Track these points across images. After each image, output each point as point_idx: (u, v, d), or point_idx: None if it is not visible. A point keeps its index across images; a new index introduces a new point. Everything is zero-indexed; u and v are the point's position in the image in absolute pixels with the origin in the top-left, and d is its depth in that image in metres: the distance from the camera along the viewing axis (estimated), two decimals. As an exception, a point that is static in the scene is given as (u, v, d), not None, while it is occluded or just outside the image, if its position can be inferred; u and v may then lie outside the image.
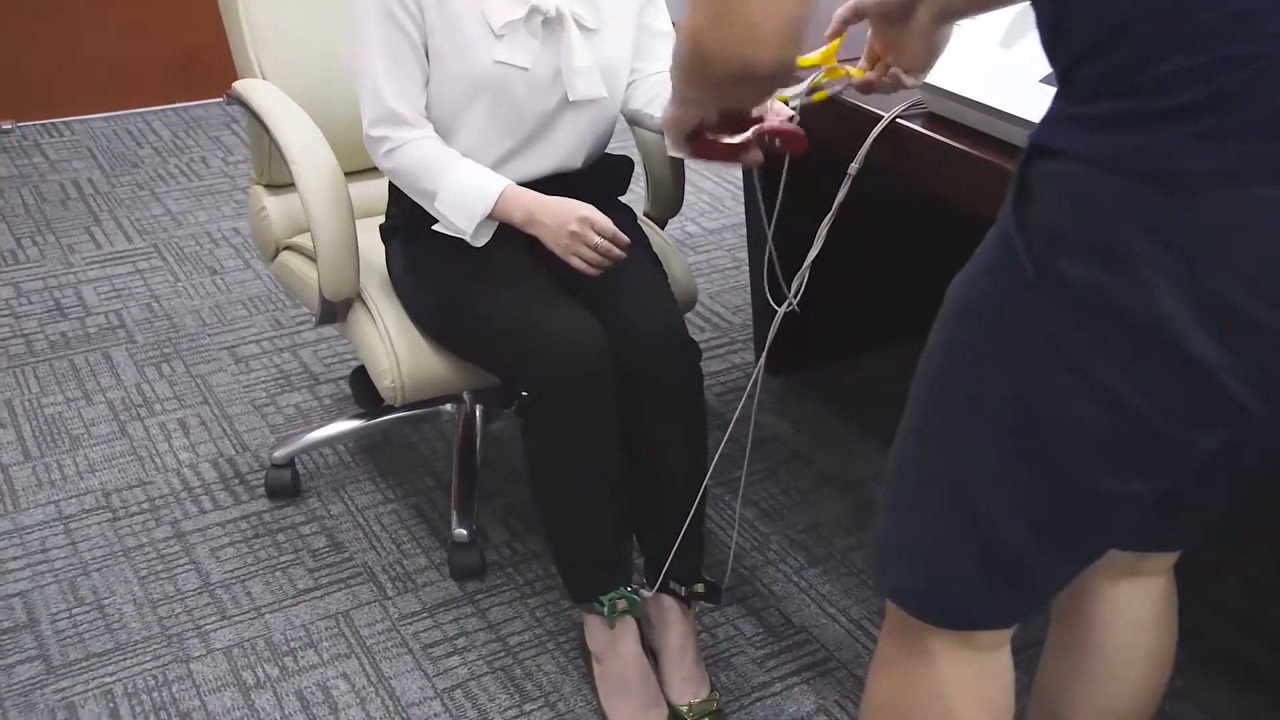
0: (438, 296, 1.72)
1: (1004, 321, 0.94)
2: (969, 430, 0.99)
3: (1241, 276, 0.81)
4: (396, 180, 1.69)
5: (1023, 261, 0.90)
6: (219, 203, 3.26)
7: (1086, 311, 0.87)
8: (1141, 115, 0.81)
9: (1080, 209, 0.85)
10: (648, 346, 1.63)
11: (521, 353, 1.61)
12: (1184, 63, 0.79)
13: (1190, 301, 0.82)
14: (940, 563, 1.05)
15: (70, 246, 3.02)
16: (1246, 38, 0.77)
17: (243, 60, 1.91)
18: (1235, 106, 0.78)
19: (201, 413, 2.37)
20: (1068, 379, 0.90)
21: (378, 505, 2.12)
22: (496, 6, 1.61)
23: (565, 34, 1.63)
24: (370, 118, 1.64)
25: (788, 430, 2.33)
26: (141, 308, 2.74)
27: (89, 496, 2.13)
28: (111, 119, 3.81)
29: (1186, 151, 0.80)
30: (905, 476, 1.08)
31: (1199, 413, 0.89)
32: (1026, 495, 0.97)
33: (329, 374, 2.50)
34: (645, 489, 1.70)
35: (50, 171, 3.44)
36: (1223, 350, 0.84)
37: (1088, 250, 0.86)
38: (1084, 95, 0.85)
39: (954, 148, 1.34)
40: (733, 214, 3.21)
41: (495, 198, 1.60)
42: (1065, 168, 0.86)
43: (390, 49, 1.61)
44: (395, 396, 1.75)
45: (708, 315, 2.73)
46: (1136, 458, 0.92)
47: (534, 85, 1.65)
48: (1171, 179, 0.81)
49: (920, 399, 1.04)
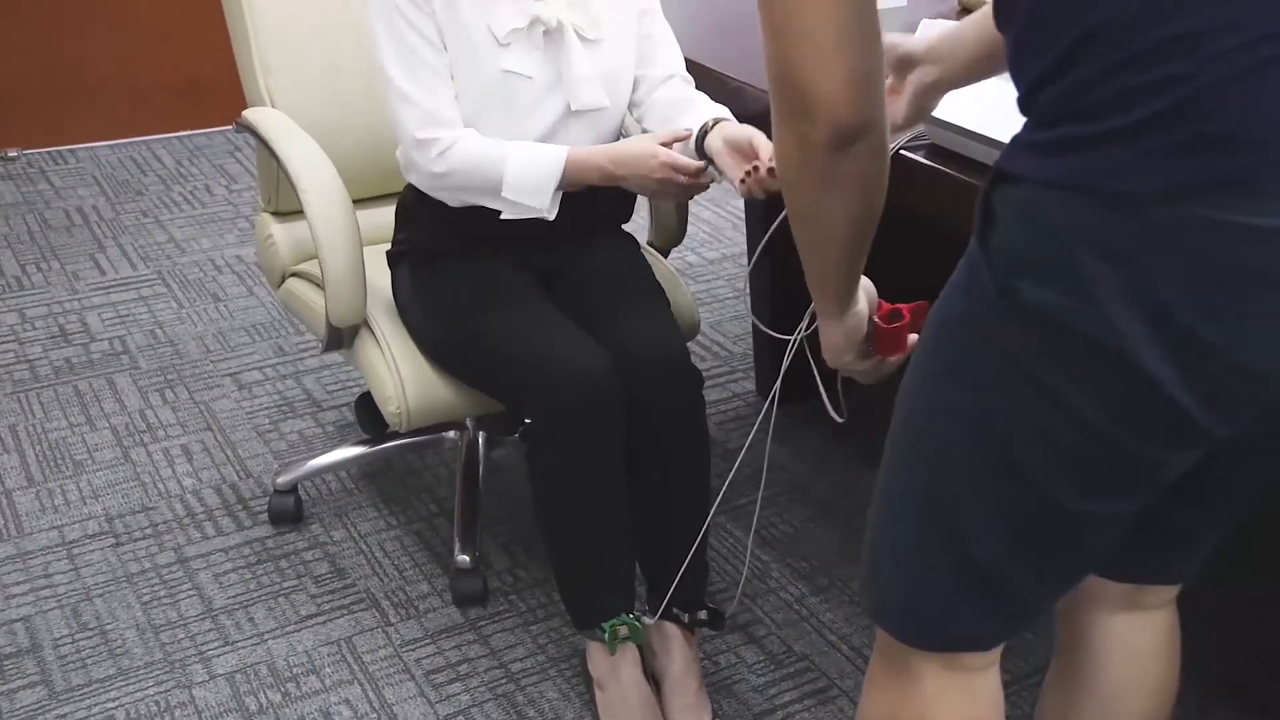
0: (443, 323, 1.73)
1: (971, 339, 0.96)
2: (942, 446, 1.01)
3: (1188, 294, 0.83)
4: (451, 184, 1.65)
5: (986, 283, 0.93)
6: (222, 230, 3.28)
7: (1046, 330, 0.89)
8: (1091, 136, 0.84)
9: (1037, 231, 0.88)
10: (651, 373, 1.65)
11: (527, 379, 1.62)
12: (1128, 83, 0.81)
13: (1142, 319, 0.84)
14: (919, 580, 1.07)
15: (75, 273, 3.03)
16: (1187, 59, 0.79)
17: (252, 89, 1.93)
18: (1176, 126, 0.80)
19: (205, 439, 2.38)
20: (1031, 397, 0.92)
21: (380, 531, 2.13)
22: (500, 17, 1.63)
23: (566, 44, 1.65)
24: (412, 124, 1.62)
25: (788, 459, 2.34)
26: (145, 334, 2.76)
27: (92, 522, 2.14)
28: (116, 146, 3.83)
29: (1132, 171, 0.82)
30: (886, 491, 1.09)
31: (1159, 431, 0.90)
32: (998, 511, 0.99)
33: (332, 401, 2.51)
34: (649, 516, 1.70)
35: (55, 198, 3.46)
36: (1176, 368, 0.86)
37: (1045, 271, 0.88)
38: (1042, 120, 0.88)
39: (958, 179, 1.36)
40: (733, 244, 3.23)
41: (562, 165, 1.61)
42: (1024, 191, 0.89)
43: (410, 54, 1.61)
44: (400, 422, 1.76)
45: (708, 344, 2.74)
46: (1103, 476, 0.94)
47: (538, 93, 1.67)
48: (1119, 198, 0.83)
49: (900, 415, 1.06)
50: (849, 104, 0.92)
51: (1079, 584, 1.10)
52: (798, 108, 0.93)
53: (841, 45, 0.90)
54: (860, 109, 0.92)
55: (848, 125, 0.93)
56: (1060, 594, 1.09)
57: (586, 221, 1.79)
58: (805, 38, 0.90)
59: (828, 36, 0.90)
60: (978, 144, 1.36)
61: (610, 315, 1.70)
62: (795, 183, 1.00)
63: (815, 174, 0.97)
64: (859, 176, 0.98)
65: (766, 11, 0.92)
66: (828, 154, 0.95)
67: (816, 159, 0.96)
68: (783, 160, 0.99)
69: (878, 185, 1.00)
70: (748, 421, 2.43)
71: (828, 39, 0.90)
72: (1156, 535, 1.12)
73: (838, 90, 0.91)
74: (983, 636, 1.10)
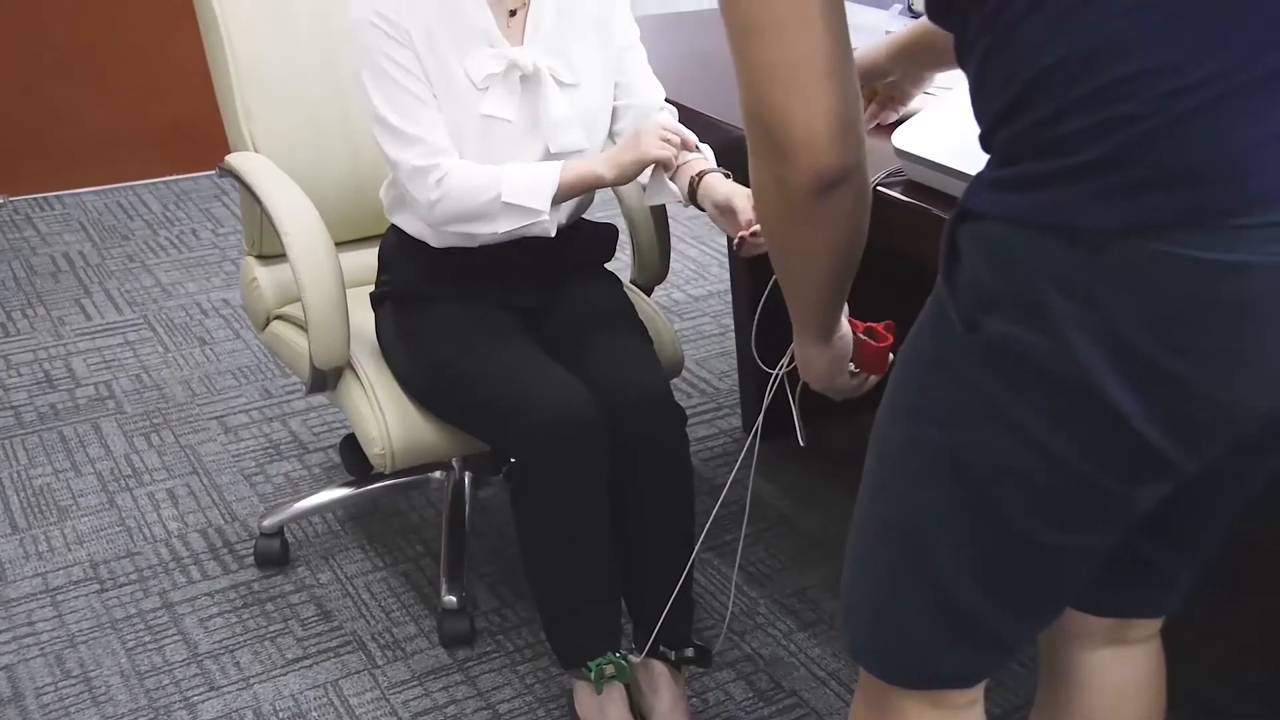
0: (427, 364, 1.74)
1: (941, 375, 0.97)
2: (915, 480, 1.01)
3: (1150, 328, 0.84)
4: (448, 207, 1.64)
5: (953, 320, 0.93)
6: (209, 274, 3.29)
7: (1012, 367, 0.90)
8: (1050, 175, 0.85)
9: (1001, 267, 0.89)
10: (634, 412, 1.65)
11: (510, 419, 1.63)
12: (1084, 122, 0.82)
13: (1107, 354, 0.85)
14: (896, 618, 1.07)
15: (60, 319, 3.03)
16: (1135, 100, 0.81)
17: (235, 133, 1.94)
18: (1128, 165, 0.81)
19: (190, 483, 2.37)
20: (1001, 432, 0.92)
21: (367, 573, 2.12)
22: (477, 62, 1.65)
23: (543, 89, 1.67)
24: (409, 155, 1.63)
25: (775, 494, 2.34)
26: (131, 379, 2.75)
27: (77, 568, 2.13)
28: (103, 192, 3.84)
29: (1089, 209, 0.83)
30: (861, 530, 1.10)
31: (1127, 465, 0.90)
32: (971, 548, 0.99)
33: (318, 443, 2.51)
34: (634, 554, 1.70)
35: (41, 245, 3.47)
36: (1141, 401, 0.86)
37: (1010, 307, 0.89)
38: (1002, 158, 0.89)
39: (933, 214, 1.37)
40: (718, 281, 3.24)
41: (558, 171, 1.63)
42: (988, 229, 0.90)
43: (399, 90, 1.63)
44: (385, 464, 1.76)
45: (694, 381, 2.75)
46: (1073, 510, 0.94)
47: (518, 137, 1.68)
48: (1080, 235, 0.84)
49: (873, 454, 1.07)
50: (831, 148, 0.90)
51: (1057, 618, 1.10)
52: (776, 151, 0.91)
53: (821, 85, 0.88)
54: (842, 152, 0.91)
55: (830, 170, 0.91)
56: (1039, 629, 1.09)
57: (568, 261, 1.80)
58: (783, 77, 0.89)
59: (807, 76, 0.88)
60: (952, 178, 1.37)
61: (592, 354, 1.71)
62: (774, 223, 0.99)
63: (795, 216, 0.96)
64: (841, 217, 0.96)
65: (740, 48, 0.90)
66: (808, 198, 0.93)
67: (796, 202, 0.94)
68: (761, 199, 0.98)
69: (860, 224, 0.99)
70: (734, 458, 2.43)
71: (807, 78, 0.88)
72: (1134, 569, 1.12)
73: (818, 133, 0.89)
74: (963, 673, 1.09)
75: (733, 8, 0.90)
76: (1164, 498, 0.96)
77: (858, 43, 1.82)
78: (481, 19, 1.65)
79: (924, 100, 1.64)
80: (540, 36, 1.69)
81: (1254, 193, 0.80)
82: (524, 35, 1.69)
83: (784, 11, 0.88)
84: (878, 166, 1.45)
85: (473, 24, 1.65)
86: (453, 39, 1.64)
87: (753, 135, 0.93)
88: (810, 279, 1.05)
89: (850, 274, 1.05)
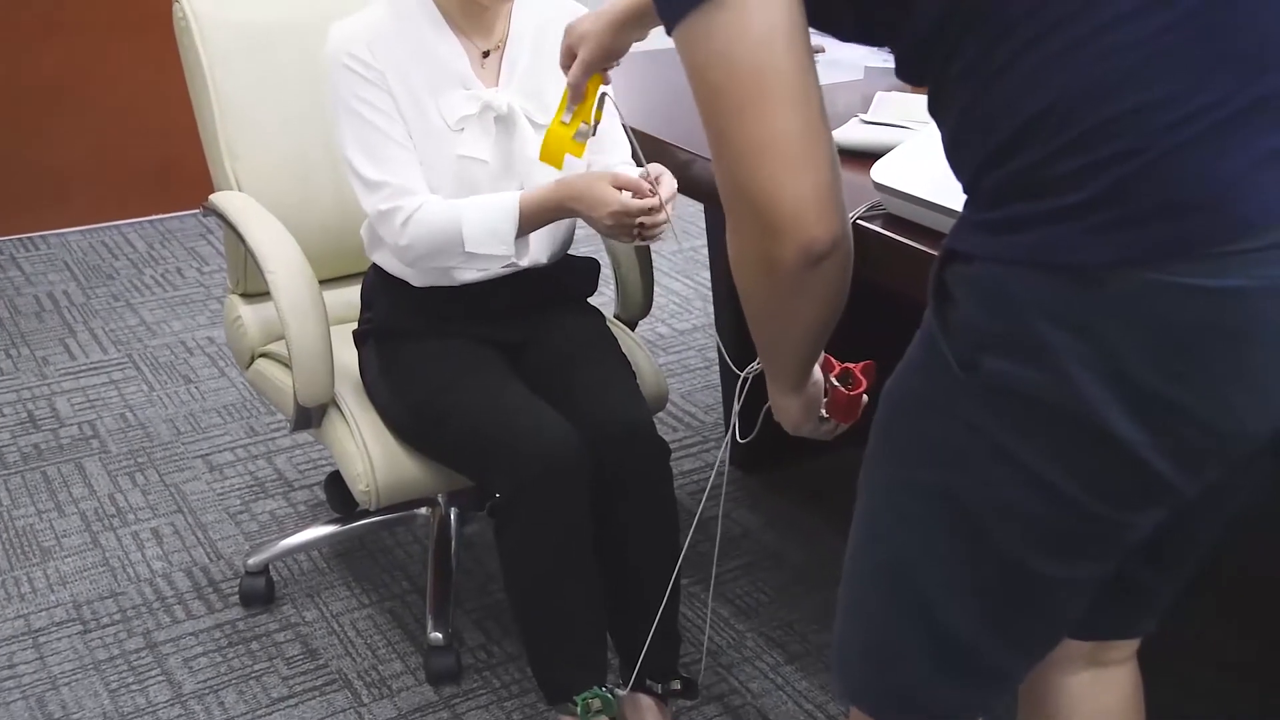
0: (411, 400, 1.74)
1: (933, 416, 0.97)
2: (909, 522, 1.01)
3: (1151, 357, 0.85)
4: (417, 254, 1.66)
5: (948, 360, 0.93)
6: (194, 312, 3.29)
7: (1012, 403, 0.90)
8: (1043, 214, 0.86)
9: (996, 306, 0.89)
10: (617, 446, 1.66)
11: (493, 455, 1.63)
12: (1077, 163, 0.84)
13: (1108, 385, 0.86)
14: (895, 659, 1.06)
15: (44, 359, 3.03)
16: (1134, 134, 0.82)
17: (219, 173, 1.95)
18: (1126, 199, 0.83)
19: (175, 521, 2.36)
20: (999, 469, 0.93)
21: (353, 610, 2.11)
22: (452, 103, 1.66)
23: (517, 129, 1.68)
24: (375, 199, 1.65)
25: (761, 526, 2.34)
26: (115, 418, 2.75)
27: (59, 609, 2.11)
28: (88, 232, 3.84)
29: (1086, 244, 0.84)
30: (856, 575, 1.09)
31: (1131, 493, 0.91)
32: (970, 585, 0.99)
33: (303, 480, 2.50)
34: (618, 587, 1.70)
35: (26, 285, 3.46)
36: (1146, 430, 0.87)
37: (1007, 345, 0.89)
38: (989, 201, 0.90)
39: (912, 248, 1.38)
40: (702, 314, 3.26)
41: (516, 211, 1.61)
42: (979, 269, 0.90)
43: (371, 130, 1.64)
44: (370, 500, 1.76)
45: (680, 415, 2.75)
46: (1072, 542, 0.95)
47: (494, 177, 1.69)
48: (1075, 271, 0.85)
49: (863, 496, 1.07)
50: (819, 222, 0.88)
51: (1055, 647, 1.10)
52: (761, 226, 0.88)
53: (805, 156, 0.86)
54: (830, 225, 0.89)
55: (819, 243, 0.89)
56: (1037, 660, 1.09)
57: (551, 296, 1.81)
58: (765, 150, 0.86)
59: (790, 148, 0.86)
60: (931, 212, 1.38)
61: (575, 388, 1.71)
62: (757, 295, 0.97)
63: (780, 291, 0.94)
64: (828, 287, 0.95)
65: (717, 121, 0.87)
66: (796, 273, 0.91)
67: (783, 277, 0.92)
68: (742, 274, 0.95)
69: (844, 290, 0.98)
70: (719, 490, 2.43)
71: (791, 151, 0.86)
72: (1115, 591, 1.13)
73: (807, 208, 0.87)
74: (962, 709, 1.09)
75: (709, 85, 0.87)
76: (1161, 522, 0.96)
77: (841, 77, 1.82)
78: (456, 61, 1.67)
79: (903, 134, 1.66)
80: (515, 78, 1.71)
81: (1244, 218, 0.81)
82: (499, 76, 1.70)
83: (763, 86, 0.85)
84: (857, 201, 1.47)
85: (447, 66, 1.67)
86: (427, 81, 1.66)
87: (735, 213, 0.91)
88: (789, 342, 1.04)
89: (825, 338, 1.04)
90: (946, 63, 0.90)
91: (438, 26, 1.67)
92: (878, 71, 2.04)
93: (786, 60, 0.86)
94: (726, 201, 0.91)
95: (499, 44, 1.71)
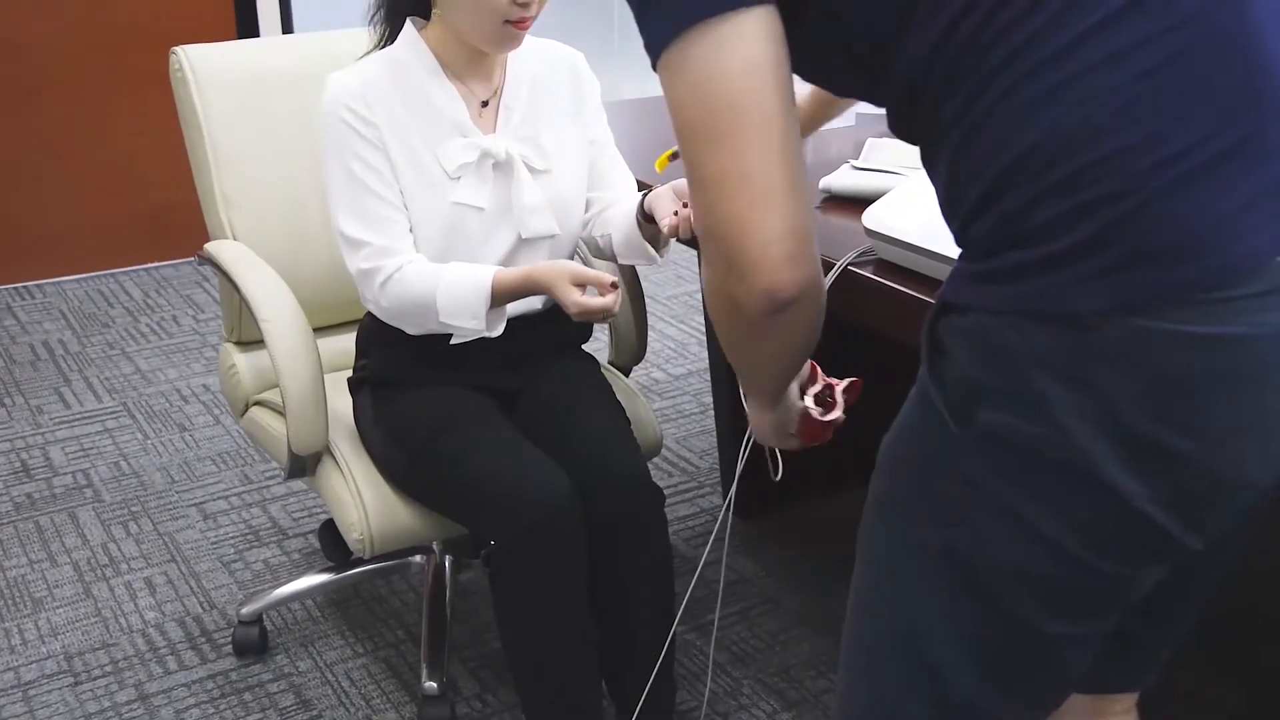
0: (404, 448, 1.74)
1: (932, 473, 0.95)
2: (911, 583, 0.99)
3: (1147, 405, 0.84)
4: (395, 313, 1.68)
5: (943, 414, 0.92)
6: (189, 360, 3.29)
7: (1010, 457, 0.89)
8: (1033, 263, 0.85)
9: (990, 358, 0.88)
10: (611, 493, 1.65)
11: (487, 502, 1.63)
12: (1062, 207, 0.83)
13: (1106, 436, 0.85)
14: (898, 715, 1.04)
15: (39, 407, 3.02)
16: (1116, 177, 0.82)
17: (214, 222, 1.96)
18: (1112, 245, 0.82)
19: (168, 570, 2.35)
20: (1000, 525, 0.91)
21: (346, 660, 2.09)
22: (449, 152, 1.67)
23: (515, 176, 1.70)
24: (356, 258, 1.66)
25: (758, 573, 2.33)
26: (109, 466, 2.74)
27: (50, 661, 2.10)
28: (84, 280, 3.85)
29: (1076, 293, 0.83)
30: (858, 637, 1.07)
31: (1130, 548, 0.90)
32: (974, 645, 0.97)
33: (298, 528, 2.49)
34: (613, 635, 1.69)
35: (21, 334, 3.46)
36: (1144, 481, 0.86)
37: (1002, 397, 0.88)
38: (979, 251, 0.90)
39: (904, 293, 1.39)
40: (697, 359, 3.26)
41: (488, 290, 1.62)
42: (972, 320, 0.89)
43: (359, 188, 1.65)
44: (364, 548, 1.75)
45: (675, 460, 2.75)
46: (1075, 597, 0.93)
47: (490, 224, 1.70)
48: (1068, 319, 0.84)
49: (863, 556, 1.05)
50: (786, 266, 0.87)
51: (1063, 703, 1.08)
52: (727, 264, 0.88)
53: (776, 196, 0.85)
54: (798, 271, 0.88)
55: (784, 290, 0.88)
56: (1043, 717, 1.06)
57: (545, 343, 1.81)
58: (736, 185, 0.85)
59: (762, 186, 0.85)
60: (922, 257, 1.39)
61: (570, 435, 1.71)
62: (726, 334, 0.97)
63: (747, 332, 0.94)
64: (793, 334, 0.94)
65: (695, 157, 0.87)
66: (757, 317, 0.90)
67: (748, 319, 0.91)
68: (710, 304, 0.95)
69: (814, 333, 0.97)
70: (720, 538, 2.42)
71: (762, 189, 0.85)
72: (1118, 646, 1.12)
73: (774, 250, 0.86)
74: None
75: (686, 116, 0.87)
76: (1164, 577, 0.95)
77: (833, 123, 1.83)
78: (453, 109, 1.69)
79: (894, 180, 1.68)
80: (512, 125, 1.72)
81: (1234, 263, 0.81)
82: (496, 123, 1.72)
83: (738, 120, 0.85)
84: (848, 246, 1.47)
85: (445, 114, 1.68)
86: (425, 130, 1.67)
87: (705, 247, 0.91)
88: (757, 373, 1.06)
89: (800, 366, 1.06)
90: (934, 113, 0.90)
91: (435, 75, 1.69)
92: (870, 117, 2.05)
93: (763, 97, 0.86)
94: (699, 234, 0.91)
95: (496, 91, 1.73)
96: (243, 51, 2.03)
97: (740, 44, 0.85)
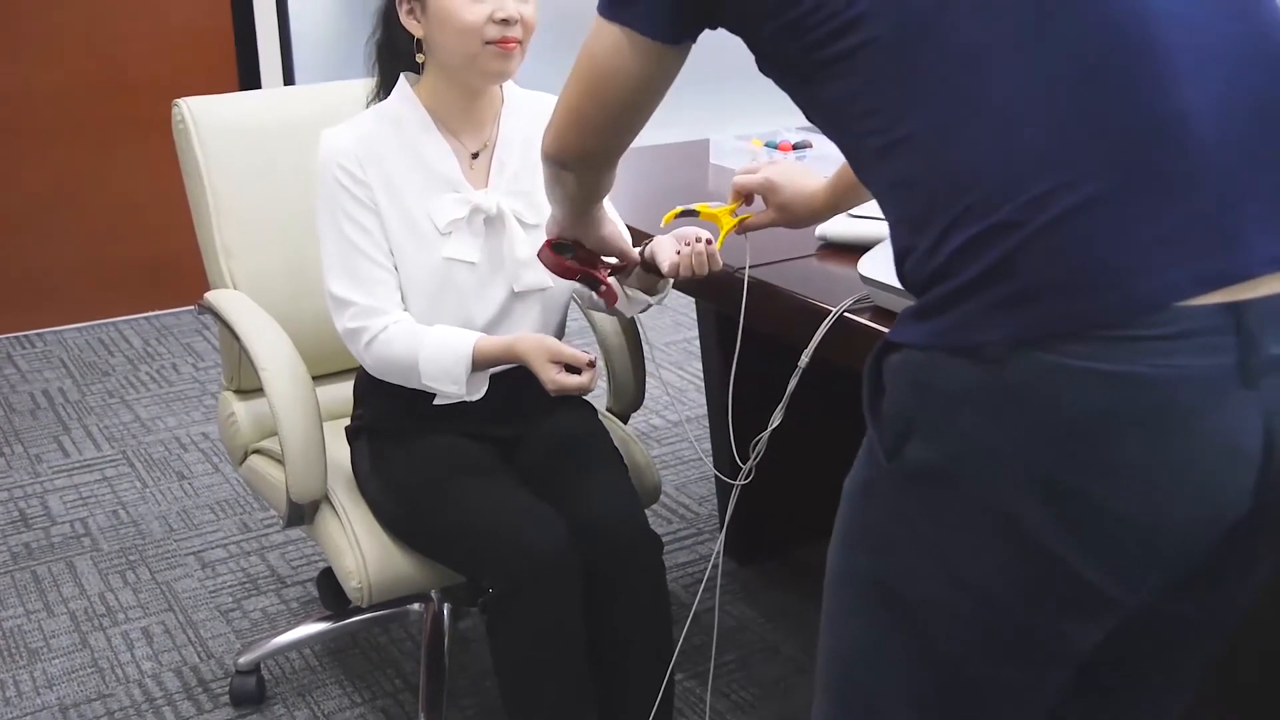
0: (402, 496, 1.74)
1: (868, 503, 0.98)
2: (852, 609, 1.01)
3: (1055, 445, 0.82)
4: (379, 372, 1.70)
5: (876, 449, 0.94)
6: (189, 408, 3.29)
7: (934, 493, 0.90)
8: (947, 297, 0.87)
9: (917, 393, 0.90)
10: (609, 540, 1.65)
11: (484, 550, 1.63)
12: (962, 239, 0.85)
13: (1019, 475, 0.84)
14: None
15: (38, 456, 3.02)
16: (1011, 208, 0.83)
17: (214, 271, 1.98)
18: (1012, 274, 0.83)
19: (166, 620, 2.34)
20: (925, 561, 0.92)
21: (344, 710, 2.08)
22: (440, 207, 1.69)
23: (507, 230, 1.71)
24: (343, 317, 1.69)
25: (757, 620, 2.32)
26: (108, 515, 2.74)
27: (45, 713, 2.08)
28: (84, 329, 3.86)
29: (983, 323, 0.84)
30: (818, 664, 1.09)
31: (1060, 600, 0.87)
32: (906, 676, 0.97)
33: (296, 576, 2.48)
34: (611, 683, 1.69)
35: (21, 382, 3.47)
36: (1059, 523, 0.83)
37: (926, 431, 0.89)
38: (915, 290, 0.92)
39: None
40: (696, 406, 3.27)
41: (469, 356, 1.63)
42: (904, 357, 0.92)
43: (348, 247, 1.67)
44: (362, 597, 1.74)
45: (674, 507, 2.75)
46: (1002, 643, 0.91)
47: (482, 278, 1.71)
48: (977, 353, 0.85)
49: (825, 587, 1.07)
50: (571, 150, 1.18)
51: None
52: (552, 134, 1.18)
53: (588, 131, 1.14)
54: (573, 153, 1.19)
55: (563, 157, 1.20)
56: None
57: (542, 392, 1.81)
58: (577, 116, 1.14)
59: (584, 124, 1.14)
60: (916, 304, 1.40)
61: (567, 483, 1.71)
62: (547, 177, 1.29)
63: (553, 176, 1.26)
64: (567, 181, 1.26)
65: (569, 83, 1.13)
66: (557, 169, 1.23)
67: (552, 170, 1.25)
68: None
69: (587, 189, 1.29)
70: (714, 583, 2.42)
71: (581, 124, 1.14)
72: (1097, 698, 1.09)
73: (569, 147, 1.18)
74: None
75: (580, 58, 1.11)
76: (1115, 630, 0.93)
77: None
78: (445, 164, 1.70)
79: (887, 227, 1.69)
80: (504, 179, 1.74)
81: (1137, 301, 0.80)
82: (488, 178, 1.73)
83: (597, 85, 1.10)
84: (844, 294, 1.49)
85: (436, 170, 1.70)
86: (416, 185, 1.69)
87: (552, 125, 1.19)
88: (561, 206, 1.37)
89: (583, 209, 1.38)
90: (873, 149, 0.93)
91: (427, 129, 1.70)
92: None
93: (625, 94, 1.09)
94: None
95: (487, 144, 1.74)
96: (244, 103, 2.05)
97: (634, 57, 1.06)
